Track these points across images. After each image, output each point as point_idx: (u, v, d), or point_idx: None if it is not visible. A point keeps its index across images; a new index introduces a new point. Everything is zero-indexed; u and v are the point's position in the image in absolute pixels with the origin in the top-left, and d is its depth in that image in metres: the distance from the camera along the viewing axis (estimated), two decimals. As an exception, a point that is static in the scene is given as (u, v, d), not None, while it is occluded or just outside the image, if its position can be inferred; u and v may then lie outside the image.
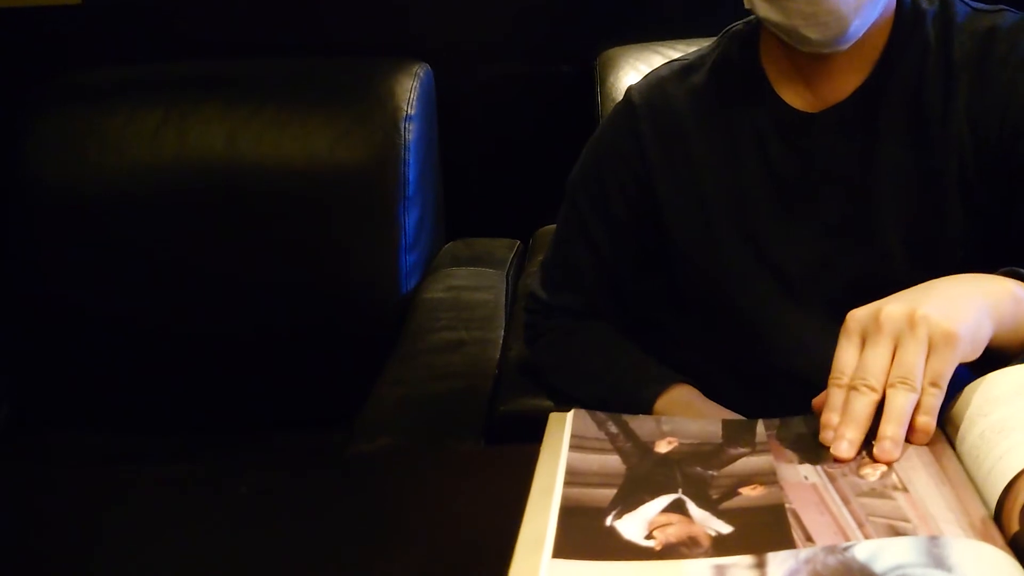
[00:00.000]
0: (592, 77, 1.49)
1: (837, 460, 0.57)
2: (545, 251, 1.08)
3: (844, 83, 0.85)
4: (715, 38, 0.95)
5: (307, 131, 1.43)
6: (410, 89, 1.45)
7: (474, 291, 1.40)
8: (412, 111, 1.44)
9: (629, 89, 0.98)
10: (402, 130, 1.42)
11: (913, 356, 0.58)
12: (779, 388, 0.80)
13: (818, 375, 0.62)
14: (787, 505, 0.54)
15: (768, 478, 0.57)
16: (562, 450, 0.63)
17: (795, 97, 0.87)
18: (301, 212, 1.41)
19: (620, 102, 0.99)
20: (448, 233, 1.62)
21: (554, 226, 1.07)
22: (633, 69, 1.44)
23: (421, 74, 1.49)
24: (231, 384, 1.43)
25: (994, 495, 0.52)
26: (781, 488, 0.56)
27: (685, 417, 0.80)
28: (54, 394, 1.48)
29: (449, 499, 0.65)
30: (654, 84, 0.96)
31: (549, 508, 0.56)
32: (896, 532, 0.50)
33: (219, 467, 0.73)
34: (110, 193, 1.42)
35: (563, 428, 0.66)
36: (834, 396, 0.60)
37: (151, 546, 0.62)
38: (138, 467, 0.72)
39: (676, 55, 1.02)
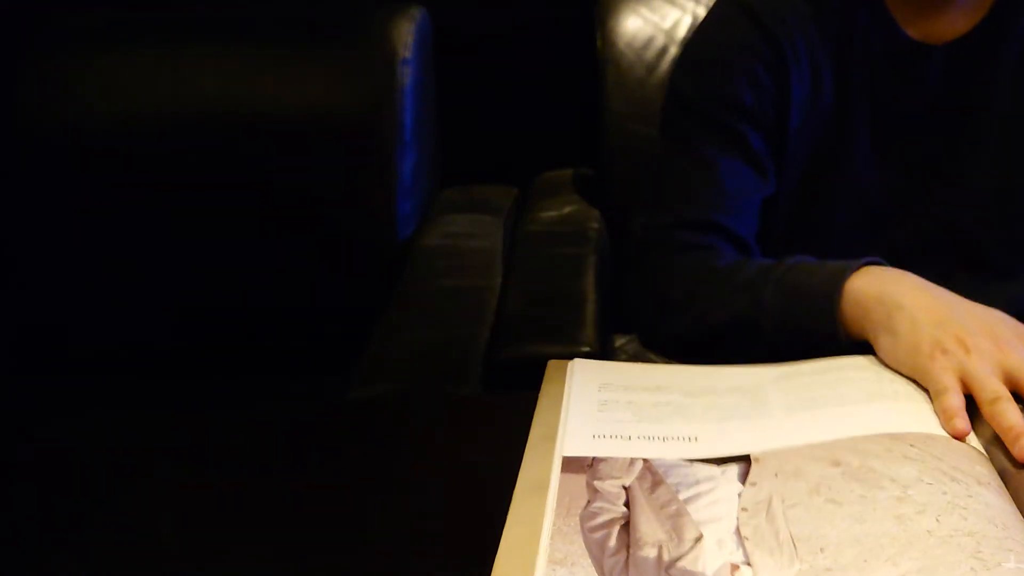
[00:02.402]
0: (592, 20, 1.47)
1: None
2: (648, 181, 0.93)
3: (964, 18, 0.83)
4: None
5: (302, 75, 1.41)
6: (407, 32, 1.43)
7: (472, 238, 1.39)
8: (408, 54, 1.42)
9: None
10: (398, 74, 1.40)
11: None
12: None
13: None
14: None
15: None
16: (564, 398, 0.63)
17: (912, 27, 0.84)
18: (296, 157, 1.40)
19: (723, 10, 0.91)
20: (445, 180, 1.61)
21: (555, 172, 1.04)
22: (633, 12, 1.42)
23: (418, 17, 1.47)
24: (228, 331, 1.43)
25: None
26: None
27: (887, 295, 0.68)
28: (45, 340, 1.47)
29: (447, 445, 0.65)
30: None
31: (552, 455, 0.57)
32: None
33: (216, 412, 0.73)
34: (103, 139, 1.40)
35: (563, 376, 0.66)
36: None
37: (148, 490, 0.62)
38: (135, 412, 0.72)
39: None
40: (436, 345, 1.14)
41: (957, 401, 0.59)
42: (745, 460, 0.56)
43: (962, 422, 0.57)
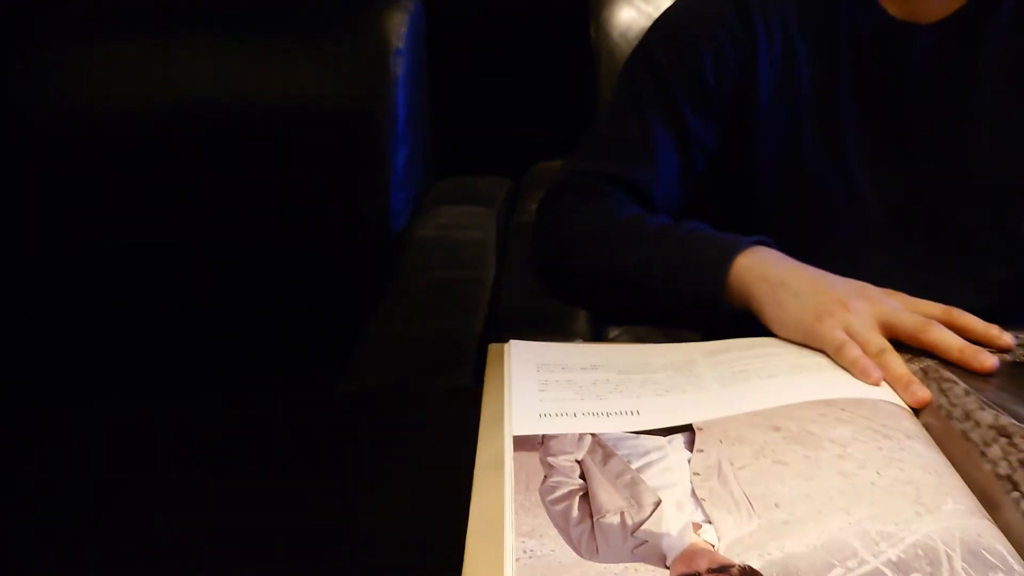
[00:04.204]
0: (586, 11, 1.46)
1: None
2: (589, 130, 0.95)
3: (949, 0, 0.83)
4: None
5: (295, 66, 1.40)
6: (400, 23, 1.43)
7: (465, 230, 1.39)
8: (402, 45, 1.41)
9: None
10: (392, 65, 1.40)
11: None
12: None
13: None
14: None
15: None
16: (505, 380, 0.65)
17: (896, 7, 0.84)
18: (289, 149, 1.39)
19: None
20: (438, 171, 1.61)
21: (548, 163, 1.04)
22: (627, 3, 1.41)
23: (411, 8, 1.46)
24: (220, 323, 1.43)
25: None
26: None
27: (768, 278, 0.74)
28: (37, 333, 1.47)
29: (440, 437, 0.65)
30: None
31: (502, 435, 0.58)
32: None
33: (207, 405, 0.72)
34: (95, 130, 1.40)
35: (502, 359, 0.68)
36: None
37: (139, 484, 0.61)
38: (126, 405, 0.72)
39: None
40: (429, 337, 1.14)
41: (856, 351, 0.64)
42: (688, 430, 0.59)
43: (874, 370, 0.62)
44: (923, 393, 0.61)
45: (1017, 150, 0.83)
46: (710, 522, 0.50)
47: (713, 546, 0.49)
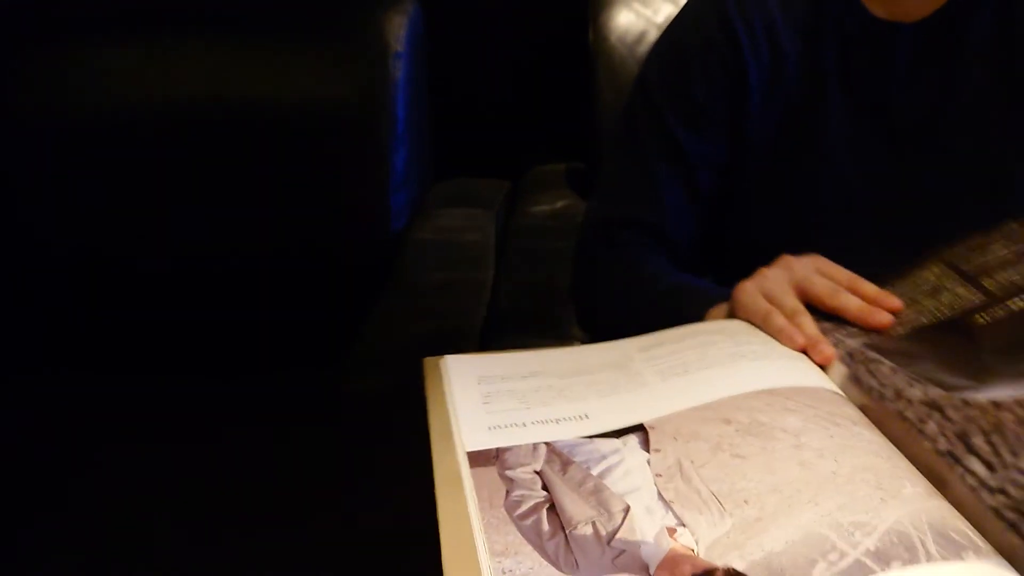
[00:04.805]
0: (584, 14, 1.47)
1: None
2: (602, 167, 1.01)
3: None
4: None
5: (295, 68, 1.41)
6: (399, 26, 1.43)
7: (463, 232, 1.40)
8: (401, 48, 1.41)
9: None
10: (391, 67, 1.40)
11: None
12: None
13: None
14: None
15: None
16: (447, 396, 0.63)
17: (880, 7, 0.86)
18: (289, 151, 1.40)
19: (695, 2, 0.96)
20: (437, 173, 1.61)
21: (547, 165, 1.05)
22: (626, 6, 1.42)
23: (410, 10, 1.47)
24: (219, 323, 1.43)
25: None
26: None
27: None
28: (37, 332, 1.47)
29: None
30: None
31: (455, 452, 0.57)
32: None
33: (208, 405, 0.73)
34: (92, 131, 1.40)
35: (439, 374, 0.66)
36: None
37: (142, 480, 0.62)
38: (123, 404, 0.72)
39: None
40: (428, 338, 1.14)
41: (781, 319, 0.67)
42: (640, 430, 0.58)
43: (799, 335, 0.66)
44: (828, 351, 0.65)
45: (1002, 144, 0.84)
46: (684, 524, 0.50)
47: (692, 550, 0.48)
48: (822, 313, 0.70)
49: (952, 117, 0.85)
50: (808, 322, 0.67)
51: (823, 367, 0.65)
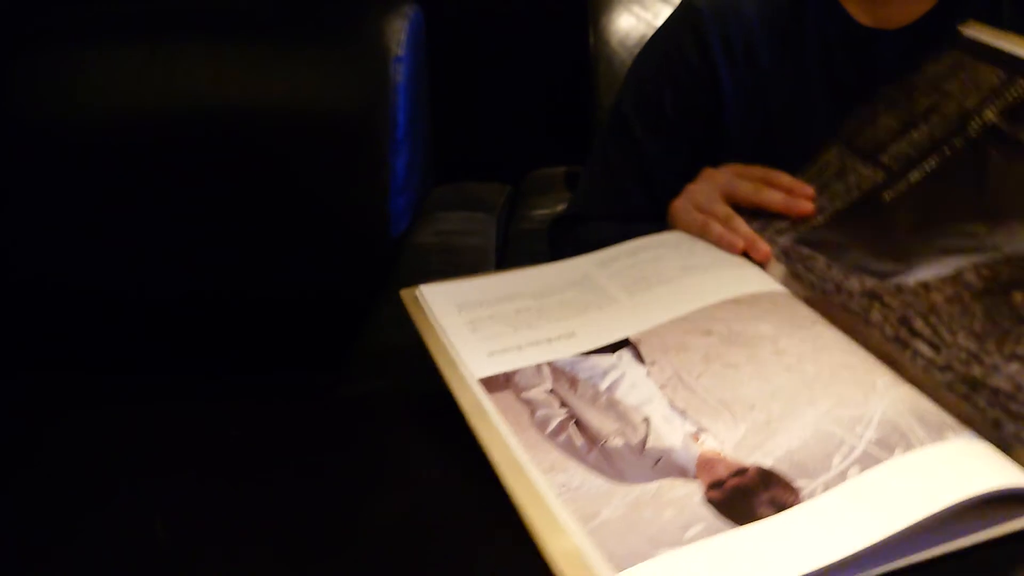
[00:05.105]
0: (584, 18, 1.47)
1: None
2: (583, 172, 1.06)
3: (916, 3, 0.86)
4: None
5: (295, 72, 1.41)
6: (400, 30, 1.43)
7: (464, 235, 1.40)
8: (402, 52, 1.42)
9: (690, 1, 0.97)
10: (392, 72, 1.40)
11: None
12: None
13: None
14: None
15: None
16: (435, 327, 0.65)
17: (864, 14, 0.87)
18: (290, 154, 1.40)
19: (679, 8, 0.98)
20: (438, 177, 1.61)
21: (547, 169, 1.07)
22: (626, 10, 1.42)
23: (411, 15, 1.47)
24: (219, 326, 1.43)
25: None
26: None
27: None
28: (36, 335, 1.48)
29: (438, 441, 0.65)
30: None
31: (467, 382, 0.58)
32: None
33: (205, 409, 0.73)
34: (96, 134, 1.40)
35: (419, 307, 0.67)
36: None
37: (138, 488, 0.62)
38: (121, 408, 0.72)
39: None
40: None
41: (718, 227, 0.71)
42: (626, 345, 0.60)
43: (737, 239, 0.70)
44: (764, 247, 0.69)
45: None
46: (704, 430, 0.52)
47: (719, 452, 0.50)
48: (750, 215, 0.73)
49: None
50: (741, 223, 0.71)
51: (764, 266, 0.68)
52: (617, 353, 0.59)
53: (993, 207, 0.62)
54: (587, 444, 0.52)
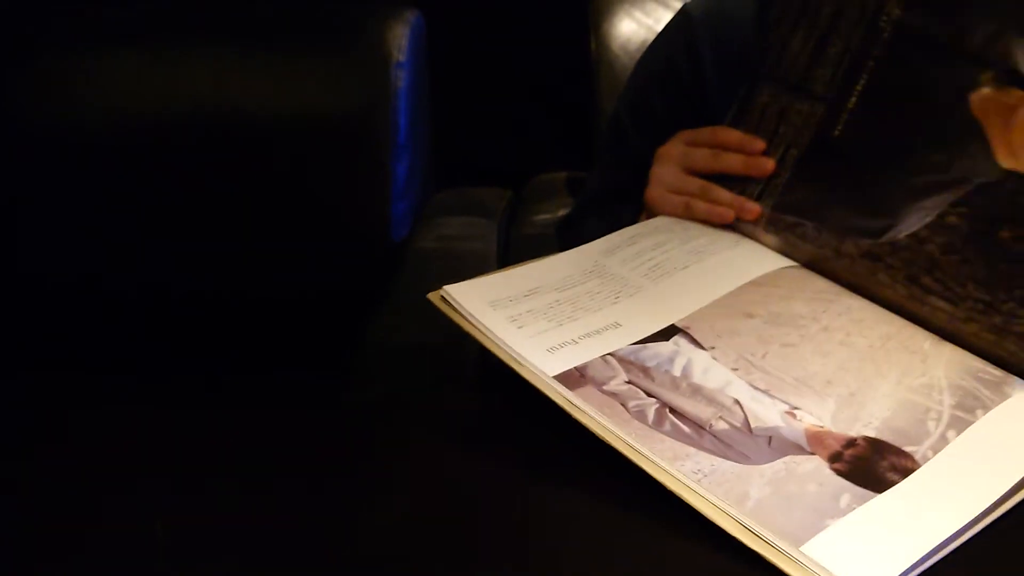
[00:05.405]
0: (585, 23, 1.47)
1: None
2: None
3: None
4: None
5: (296, 77, 1.41)
6: (401, 36, 1.43)
7: (465, 241, 1.39)
8: (403, 58, 1.42)
9: (684, 6, 0.98)
10: (392, 77, 1.40)
11: None
12: None
13: None
14: None
15: None
16: (477, 328, 0.63)
17: None
18: (290, 160, 1.40)
19: (674, 17, 1.00)
20: (439, 182, 1.61)
21: (549, 174, 1.09)
22: (627, 15, 1.42)
23: (412, 20, 1.47)
24: (219, 329, 1.43)
25: None
26: None
27: None
28: (38, 336, 1.47)
29: (439, 448, 0.65)
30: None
31: (542, 381, 0.57)
32: None
33: (209, 410, 0.73)
34: (94, 137, 1.40)
35: (451, 308, 0.67)
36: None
37: (138, 492, 0.61)
38: (122, 410, 0.72)
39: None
40: (429, 348, 1.14)
41: (701, 204, 0.71)
42: (674, 332, 0.59)
43: (725, 210, 0.70)
44: (753, 206, 0.69)
45: None
46: (796, 408, 0.52)
47: (822, 427, 0.51)
48: (719, 181, 0.72)
49: None
50: (720, 191, 0.72)
51: (758, 237, 0.68)
52: (673, 339, 0.58)
53: (939, 126, 0.61)
54: (694, 429, 0.51)
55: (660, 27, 1.41)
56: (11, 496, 0.63)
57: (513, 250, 1.38)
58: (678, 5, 1.42)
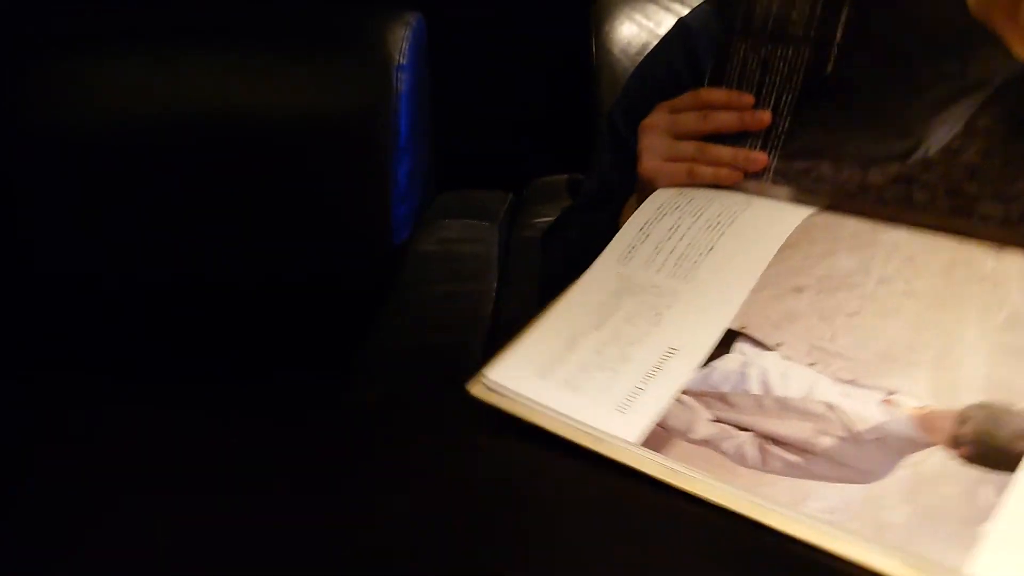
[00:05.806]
0: (587, 26, 1.47)
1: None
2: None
3: None
4: None
5: (298, 80, 1.41)
6: (402, 38, 1.43)
7: (466, 243, 1.39)
8: (404, 61, 1.42)
9: (681, 18, 0.98)
10: (394, 80, 1.40)
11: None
12: None
13: None
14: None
15: None
16: (539, 397, 0.57)
17: None
18: (292, 162, 1.40)
19: (672, 28, 0.99)
20: (440, 185, 1.61)
21: (549, 177, 1.09)
22: (628, 19, 1.42)
23: (413, 23, 1.47)
24: (221, 333, 1.43)
25: None
26: None
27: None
28: (42, 336, 1.47)
29: (440, 451, 0.65)
30: (709, 10, 0.97)
31: (631, 451, 0.52)
32: None
33: (210, 410, 0.73)
34: (97, 139, 1.40)
35: (498, 393, 0.60)
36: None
37: (141, 489, 0.61)
38: (125, 412, 0.72)
39: (673, 4, 1.03)
40: (430, 351, 1.14)
41: (704, 168, 0.67)
42: (732, 337, 0.54)
43: (733, 172, 0.66)
44: (759, 155, 0.65)
45: None
46: (890, 392, 0.47)
47: (927, 407, 0.46)
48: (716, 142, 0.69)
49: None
50: (719, 148, 0.68)
51: (766, 191, 0.64)
52: (735, 348, 0.53)
53: (940, 39, 0.58)
54: (802, 456, 0.47)
55: (661, 31, 1.42)
56: (11, 496, 0.63)
57: (514, 252, 1.38)
58: (679, 8, 1.43)
